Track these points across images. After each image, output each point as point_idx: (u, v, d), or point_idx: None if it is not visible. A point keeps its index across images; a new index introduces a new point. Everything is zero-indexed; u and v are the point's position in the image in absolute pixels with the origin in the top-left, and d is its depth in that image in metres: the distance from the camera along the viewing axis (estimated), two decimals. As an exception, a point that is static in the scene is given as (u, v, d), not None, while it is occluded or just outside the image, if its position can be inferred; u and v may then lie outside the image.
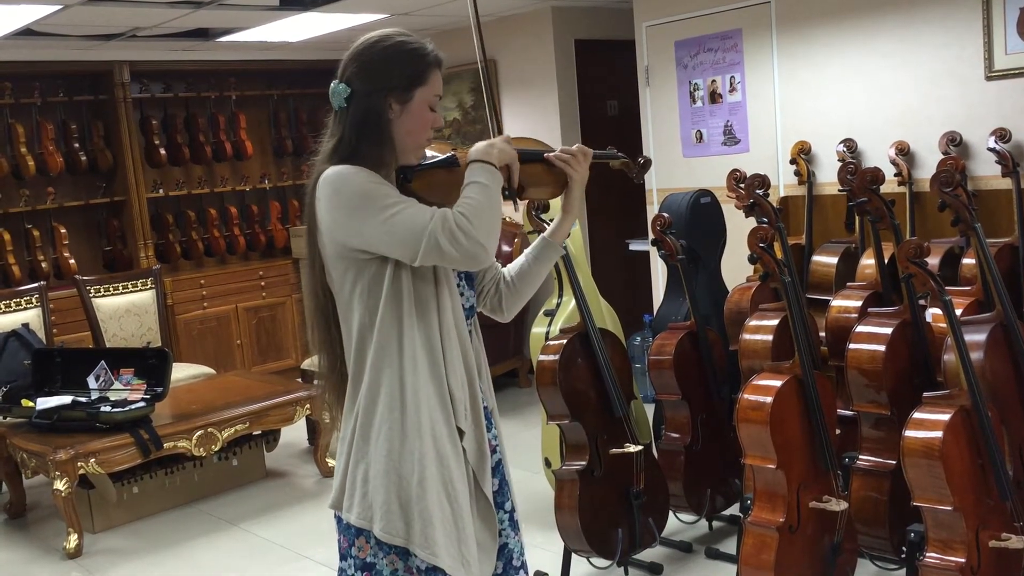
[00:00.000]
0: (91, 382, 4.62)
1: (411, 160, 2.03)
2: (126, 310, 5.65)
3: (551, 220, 3.24)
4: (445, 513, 1.98)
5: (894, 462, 2.99)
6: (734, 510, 3.88)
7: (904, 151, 4.41)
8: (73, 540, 4.19)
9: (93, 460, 4.17)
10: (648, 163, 2.37)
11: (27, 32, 5.36)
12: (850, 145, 4.59)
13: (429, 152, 2.08)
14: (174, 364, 4.87)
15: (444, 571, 1.97)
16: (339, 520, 2.08)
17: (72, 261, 6.41)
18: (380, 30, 2.05)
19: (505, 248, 6.24)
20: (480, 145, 2.00)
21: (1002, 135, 4.05)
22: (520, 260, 2.21)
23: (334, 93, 1.99)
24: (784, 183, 4.98)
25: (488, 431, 2.13)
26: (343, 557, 2.07)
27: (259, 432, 4.91)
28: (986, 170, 4.18)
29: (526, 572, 2.23)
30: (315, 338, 2.13)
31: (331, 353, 2.11)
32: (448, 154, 2.05)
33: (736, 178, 3.89)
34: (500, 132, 2.14)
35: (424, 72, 2.00)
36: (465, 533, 2.00)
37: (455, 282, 2.07)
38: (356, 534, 2.03)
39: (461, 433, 2.03)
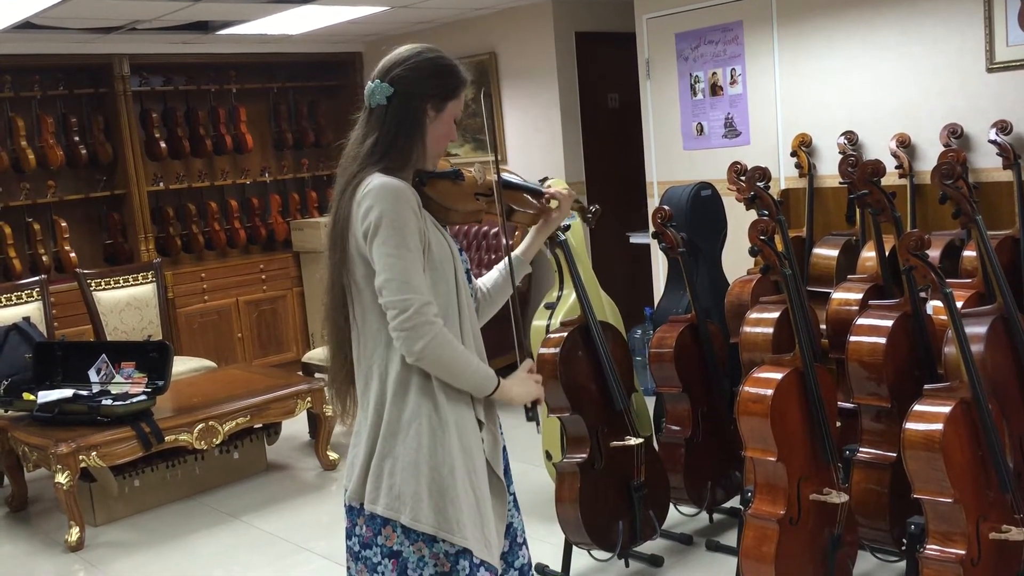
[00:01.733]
0: (92, 375, 4.63)
1: (429, 166, 2.19)
2: (127, 303, 5.65)
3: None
4: (470, 499, 2.10)
5: (895, 454, 2.99)
6: (735, 503, 3.88)
7: (905, 143, 4.41)
8: (75, 533, 4.20)
9: (94, 453, 4.18)
10: (599, 212, 2.87)
11: (27, 25, 5.36)
12: (851, 137, 4.59)
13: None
14: (175, 357, 4.87)
15: (471, 553, 2.09)
16: (355, 511, 2.18)
17: (73, 255, 6.41)
18: (416, 44, 2.19)
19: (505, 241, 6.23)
20: (514, 380, 2.26)
21: (1003, 127, 4.04)
22: (493, 274, 2.40)
23: (375, 91, 2.12)
24: (785, 175, 4.97)
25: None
26: (366, 546, 2.16)
27: (260, 425, 4.92)
28: (987, 162, 4.17)
29: (527, 549, 2.35)
30: (329, 331, 2.23)
31: (342, 350, 2.21)
32: (454, 168, 2.25)
33: (737, 171, 3.89)
34: (497, 165, 2.28)
35: (458, 87, 2.18)
36: (486, 518, 2.13)
37: (467, 283, 2.21)
38: (383, 524, 2.12)
39: (480, 424, 2.17)
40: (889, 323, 3.05)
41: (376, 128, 2.11)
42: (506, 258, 2.36)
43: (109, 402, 4.39)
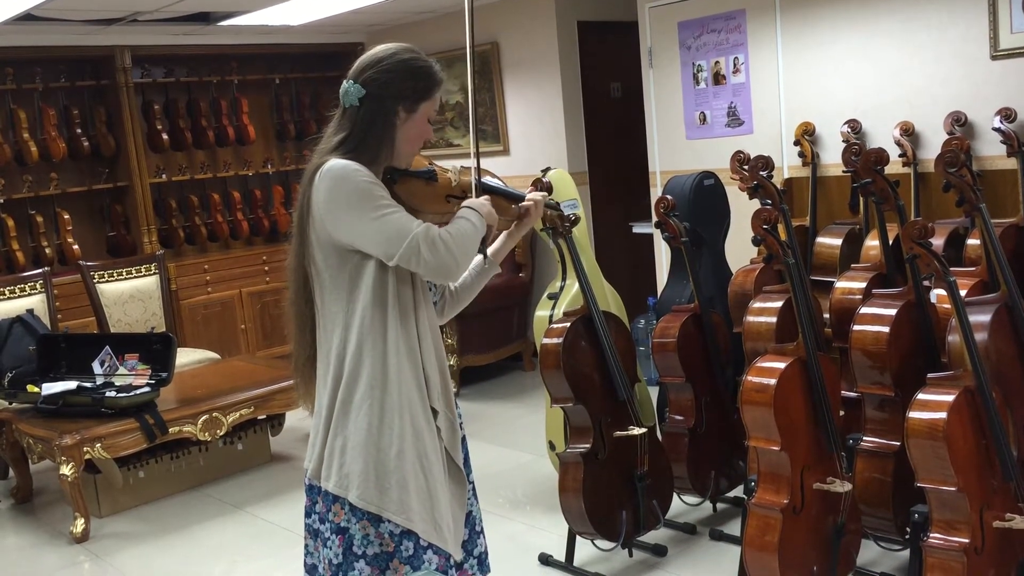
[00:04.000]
0: (96, 367, 4.63)
1: (400, 165, 2.22)
2: (130, 295, 5.66)
3: (558, 203, 3.26)
4: (419, 483, 2.16)
5: (898, 443, 2.99)
6: (738, 492, 3.88)
7: (909, 131, 4.39)
8: (80, 524, 4.21)
9: (99, 445, 4.19)
10: (578, 220, 3.18)
11: (28, 17, 5.35)
12: (854, 126, 4.57)
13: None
14: (179, 349, 4.88)
15: (417, 535, 2.15)
16: (315, 489, 2.25)
17: (76, 247, 6.41)
18: (393, 44, 2.23)
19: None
20: (479, 201, 2.27)
21: (1007, 115, 4.02)
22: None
23: (348, 92, 2.16)
24: (788, 164, 4.96)
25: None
26: (321, 521, 2.23)
27: (264, 416, 4.92)
28: (991, 150, 4.16)
29: (484, 537, 2.43)
30: (292, 314, 2.32)
31: (305, 333, 2.29)
32: (428, 167, 2.28)
33: (740, 160, 3.88)
34: (477, 158, 2.34)
35: (431, 89, 2.21)
36: (438, 503, 2.19)
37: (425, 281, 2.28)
38: (333, 500, 2.18)
39: (435, 412, 2.22)
40: (893, 312, 3.05)
41: (347, 127, 2.17)
42: (478, 256, 2.41)
43: (113, 394, 4.40)
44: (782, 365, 2.89)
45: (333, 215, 2.08)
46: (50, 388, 4.47)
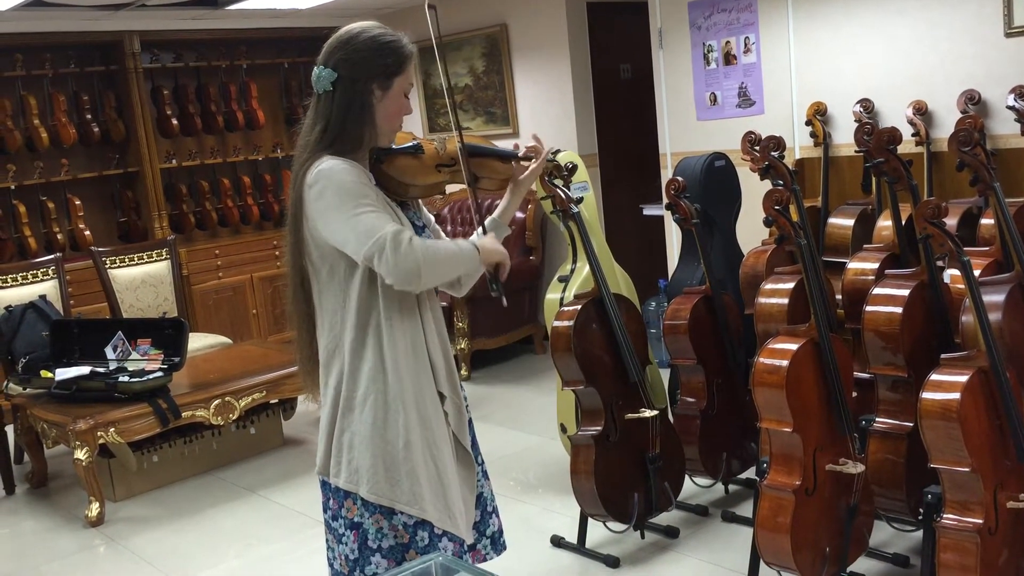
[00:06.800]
0: (109, 352, 4.66)
1: (384, 143, 2.21)
2: (142, 281, 5.68)
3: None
4: (430, 472, 2.15)
5: (911, 424, 2.98)
6: (750, 474, 3.88)
7: (922, 110, 4.36)
8: (95, 509, 4.24)
9: (112, 430, 4.21)
10: (575, 168, 3.14)
11: (37, 3, 5.34)
12: (867, 105, 4.54)
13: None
14: (191, 334, 4.90)
15: (431, 524, 2.15)
16: (325, 485, 2.25)
17: (87, 232, 6.44)
18: (359, 23, 2.20)
19: (519, 215, 6.22)
20: (489, 239, 2.25)
21: (1021, 93, 3.98)
22: None
23: (320, 78, 2.14)
24: (800, 145, 4.93)
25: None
26: (334, 518, 2.24)
27: (276, 401, 4.94)
28: (1005, 129, 4.13)
29: (498, 516, 2.43)
30: (293, 312, 2.30)
31: (307, 329, 2.27)
32: (414, 142, 2.26)
33: (751, 140, 3.85)
34: (461, 136, 2.31)
35: (402, 62, 2.18)
36: (449, 489, 2.18)
37: None
38: (345, 496, 2.19)
39: (442, 397, 2.20)
40: (906, 292, 3.03)
41: (324, 115, 2.13)
42: (479, 228, 2.40)
43: (126, 379, 4.41)
44: (794, 346, 2.88)
45: (321, 215, 2.07)
46: (63, 373, 4.49)
